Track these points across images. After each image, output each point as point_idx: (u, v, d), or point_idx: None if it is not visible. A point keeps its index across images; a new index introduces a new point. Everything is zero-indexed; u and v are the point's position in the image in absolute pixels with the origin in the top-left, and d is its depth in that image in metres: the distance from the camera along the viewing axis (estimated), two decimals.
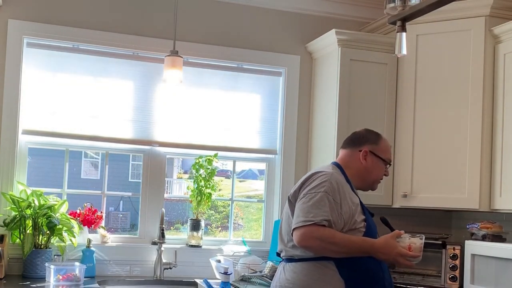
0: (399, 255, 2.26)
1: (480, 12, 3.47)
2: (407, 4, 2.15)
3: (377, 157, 2.53)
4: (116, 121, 3.77)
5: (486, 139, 3.45)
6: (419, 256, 2.28)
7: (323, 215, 2.26)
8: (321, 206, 2.27)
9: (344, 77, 3.68)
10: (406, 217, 4.06)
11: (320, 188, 2.31)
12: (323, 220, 2.25)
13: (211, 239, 3.99)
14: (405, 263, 2.29)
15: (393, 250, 2.26)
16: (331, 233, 2.25)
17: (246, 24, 4.00)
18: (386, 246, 2.27)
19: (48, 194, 3.60)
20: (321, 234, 2.24)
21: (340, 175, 2.46)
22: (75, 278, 3.20)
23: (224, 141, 3.97)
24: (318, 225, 2.24)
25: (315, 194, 2.30)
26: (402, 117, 3.71)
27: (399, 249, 2.27)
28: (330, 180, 2.34)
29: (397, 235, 2.30)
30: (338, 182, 2.37)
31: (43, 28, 3.60)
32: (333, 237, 2.24)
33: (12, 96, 3.53)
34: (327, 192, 2.30)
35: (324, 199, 2.28)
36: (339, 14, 4.13)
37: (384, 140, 2.59)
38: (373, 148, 2.54)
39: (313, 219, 2.25)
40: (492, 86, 3.47)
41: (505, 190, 3.34)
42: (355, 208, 2.37)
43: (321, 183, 2.33)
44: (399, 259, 2.27)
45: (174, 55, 3.51)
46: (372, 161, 2.53)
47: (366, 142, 2.55)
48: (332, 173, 2.41)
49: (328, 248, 2.26)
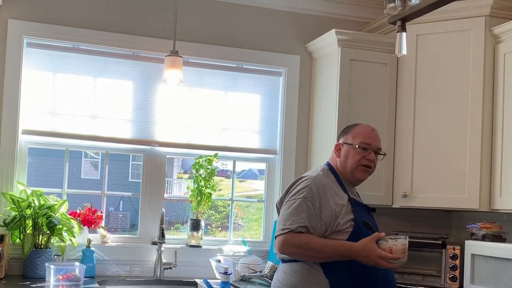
0: (379, 258, 2.24)
1: (480, 12, 3.47)
2: (407, 4, 2.14)
3: (348, 145, 2.50)
4: (116, 121, 3.77)
5: (486, 139, 3.45)
6: (401, 257, 2.25)
7: (300, 221, 2.30)
8: (299, 213, 2.31)
9: (344, 77, 3.68)
10: (406, 217, 4.06)
11: (300, 195, 2.35)
12: (299, 227, 2.29)
13: (211, 239, 3.99)
14: (387, 265, 2.26)
15: (372, 253, 2.24)
16: (307, 240, 2.29)
17: (246, 24, 4.00)
18: (365, 249, 2.25)
19: (48, 194, 3.60)
20: (298, 241, 2.29)
21: (328, 176, 2.47)
22: (75, 278, 3.20)
23: (224, 141, 3.97)
24: (295, 232, 2.29)
25: (294, 201, 2.35)
26: (402, 117, 3.71)
27: (378, 252, 2.24)
28: (311, 185, 2.37)
29: (376, 238, 2.27)
30: (320, 186, 2.38)
31: (43, 28, 3.60)
32: (309, 243, 2.28)
33: (12, 96, 3.53)
34: (306, 198, 2.33)
35: (302, 205, 2.32)
36: (339, 14, 4.13)
37: (359, 126, 2.56)
38: (345, 139, 2.54)
39: (289, 226, 2.30)
40: (492, 86, 3.47)
41: (505, 190, 3.34)
42: (339, 209, 2.36)
43: (301, 189, 2.37)
44: (379, 261, 2.24)
45: (174, 55, 3.51)
46: (344, 150, 2.51)
47: (340, 136, 2.59)
48: (315, 176, 2.42)
49: (306, 254, 2.31)
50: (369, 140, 2.51)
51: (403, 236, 2.29)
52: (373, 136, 2.53)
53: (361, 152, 2.48)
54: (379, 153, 2.54)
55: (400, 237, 2.28)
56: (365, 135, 2.51)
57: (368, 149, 2.49)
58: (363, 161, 2.49)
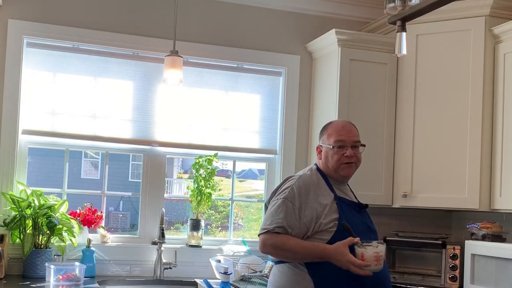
0: (349, 263, 2.23)
1: (480, 12, 3.47)
2: (407, 4, 2.14)
3: (325, 146, 2.50)
4: (116, 121, 3.77)
5: (486, 139, 3.45)
6: (371, 265, 2.20)
7: (278, 222, 2.33)
8: (278, 213, 2.35)
9: (344, 77, 3.68)
10: (406, 217, 4.06)
11: (282, 195, 2.39)
12: (276, 227, 2.32)
13: (211, 239, 3.99)
14: (357, 271, 2.22)
15: (343, 257, 2.23)
16: (282, 240, 2.31)
17: (246, 24, 4.00)
18: (336, 253, 2.25)
19: (48, 194, 3.60)
20: (273, 241, 2.33)
21: (316, 176, 2.48)
22: (75, 278, 3.20)
23: (224, 141, 3.97)
24: (272, 232, 2.32)
25: (276, 201, 2.39)
26: (402, 117, 3.71)
27: (349, 257, 2.22)
28: (293, 186, 2.39)
29: (350, 242, 2.25)
30: (304, 186, 2.39)
31: (43, 28, 3.60)
32: (284, 244, 2.31)
33: (12, 96, 3.53)
34: (286, 198, 2.36)
35: (282, 206, 2.35)
36: (339, 14, 4.13)
37: (331, 124, 2.54)
38: (322, 140, 2.54)
39: (268, 226, 2.34)
40: (492, 86, 3.47)
41: (505, 190, 3.34)
42: (321, 209, 2.35)
43: (284, 189, 2.40)
44: (350, 266, 2.23)
45: (174, 55, 3.51)
46: (323, 152, 2.51)
47: (319, 138, 2.58)
48: (301, 176, 2.45)
49: (283, 254, 2.35)
50: (343, 136, 2.47)
51: (379, 244, 2.24)
52: (346, 131, 2.49)
53: (338, 151, 2.45)
54: (357, 145, 2.50)
55: (373, 245, 2.22)
56: (338, 132, 2.48)
57: (344, 146, 2.46)
58: (343, 159, 2.45)
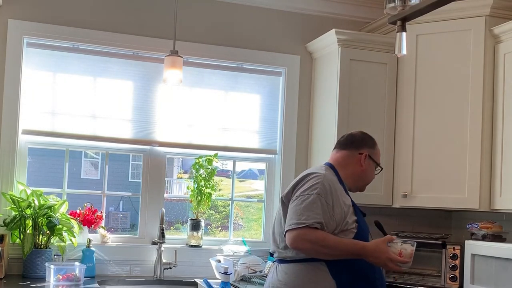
0: (389, 260, 2.28)
1: (480, 12, 3.47)
2: (407, 4, 2.15)
3: (373, 161, 2.57)
4: (116, 121, 3.77)
5: (486, 139, 3.45)
6: (409, 262, 2.31)
7: (316, 217, 2.28)
8: (314, 209, 2.30)
9: (344, 77, 3.68)
10: (406, 217, 4.06)
11: (313, 190, 2.33)
12: (315, 222, 2.27)
13: (211, 239, 3.99)
14: (395, 268, 2.31)
15: (383, 254, 2.28)
16: (323, 236, 2.27)
17: (246, 24, 4.00)
18: (377, 250, 2.28)
19: (48, 194, 3.60)
20: (313, 237, 2.27)
21: (334, 176, 2.47)
22: (75, 278, 3.20)
23: (224, 141, 3.97)
24: (311, 227, 2.27)
25: (307, 196, 2.33)
26: (402, 117, 3.71)
27: (389, 254, 2.28)
28: (323, 181, 2.36)
29: (388, 240, 2.32)
30: (331, 184, 2.38)
31: (43, 28, 3.60)
32: (325, 240, 2.27)
33: (12, 96, 3.53)
34: (320, 194, 2.32)
35: (317, 201, 2.31)
36: (339, 14, 4.13)
37: (376, 144, 2.64)
38: (371, 152, 2.57)
39: (305, 221, 2.27)
40: (492, 86, 3.47)
41: (505, 190, 3.34)
42: (347, 209, 2.38)
43: (314, 184, 2.35)
44: (389, 263, 2.29)
45: (174, 55, 3.51)
46: (369, 164, 2.56)
47: (365, 145, 2.58)
48: (325, 174, 2.42)
49: (320, 250, 2.29)
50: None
51: (412, 242, 2.34)
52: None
53: (377, 172, 2.63)
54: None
55: (410, 242, 2.33)
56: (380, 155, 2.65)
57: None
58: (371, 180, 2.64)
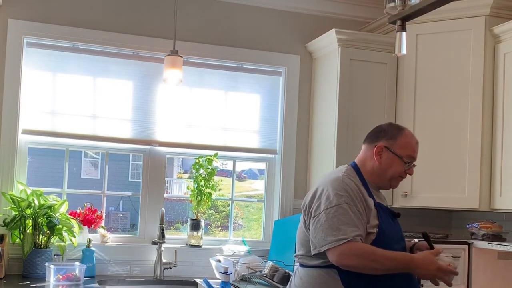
0: (439, 270, 2.20)
1: (480, 12, 3.47)
2: (407, 3, 2.15)
3: (393, 153, 2.35)
4: (116, 121, 3.77)
5: (486, 139, 3.45)
6: (457, 273, 2.27)
7: (354, 230, 2.15)
8: (349, 221, 2.16)
9: (344, 77, 3.68)
10: (406, 217, 4.04)
11: (340, 199, 2.20)
12: (356, 236, 2.14)
13: (211, 239, 3.99)
14: (445, 278, 2.22)
15: (433, 265, 2.20)
16: (371, 250, 2.15)
17: (246, 24, 4.00)
18: (426, 262, 2.20)
19: (48, 194, 3.60)
20: (361, 251, 2.14)
21: (354, 177, 2.33)
22: (75, 278, 3.20)
23: (224, 141, 3.97)
24: (354, 242, 2.14)
25: (336, 208, 2.18)
26: (402, 117, 3.71)
27: (439, 264, 2.20)
28: (347, 189, 2.22)
29: (437, 253, 2.24)
30: (354, 190, 2.25)
31: (43, 28, 3.60)
32: (374, 254, 2.15)
33: (12, 96, 3.53)
34: (348, 204, 2.19)
35: (349, 212, 2.18)
36: (339, 14, 4.13)
37: (406, 135, 2.40)
38: (389, 144, 2.36)
39: (344, 236, 2.13)
40: (492, 86, 3.47)
41: (505, 190, 3.34)
42: (369, 213, 2.26)
43: (337, 194, 2.21)
44: (439, 274, 2.20)
45: (174, 55, 3.51)
46: (388, 157, 2.36)
47: (383, 137, 2.38)
48: (343, 178, 2.28)
49: (369, 265, 2.15)
50: (415, 154, 2.41)
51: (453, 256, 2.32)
52: (417, 148, 2.42)
53: (405, 166, 2.38)
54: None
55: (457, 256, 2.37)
56: (413, 148, 2.40)
57: (411, 162, 2.40)
58: (403, 174, 2.40)
